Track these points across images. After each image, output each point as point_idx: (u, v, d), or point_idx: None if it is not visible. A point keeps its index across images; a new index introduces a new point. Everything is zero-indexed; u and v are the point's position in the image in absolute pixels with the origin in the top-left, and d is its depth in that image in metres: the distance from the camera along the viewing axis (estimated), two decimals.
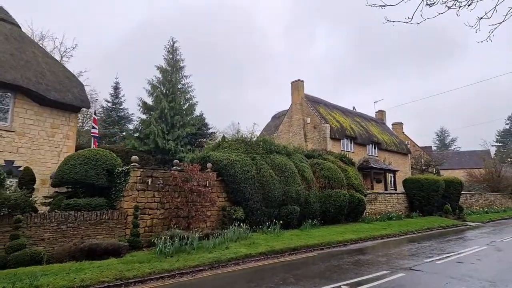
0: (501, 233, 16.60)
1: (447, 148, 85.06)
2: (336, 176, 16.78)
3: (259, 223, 13.26)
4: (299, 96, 26.84)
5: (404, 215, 20.81)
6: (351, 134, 26.50)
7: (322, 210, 16.00)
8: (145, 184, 10.41)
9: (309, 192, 15.38)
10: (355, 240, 13.48)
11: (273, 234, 12.66)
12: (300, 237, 12.69)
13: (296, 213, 14.31)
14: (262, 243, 11.21)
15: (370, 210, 20.09)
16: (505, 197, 33.37)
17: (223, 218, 12.58)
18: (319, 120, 25.40)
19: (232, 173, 12.81)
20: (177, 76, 27.37)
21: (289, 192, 14.20)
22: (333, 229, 15.14)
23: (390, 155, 30.71)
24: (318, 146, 24.99)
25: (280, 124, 29.01)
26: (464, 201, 27.34)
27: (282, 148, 16.06)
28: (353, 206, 17.44)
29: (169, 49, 27.82)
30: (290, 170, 14.70)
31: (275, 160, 14.72)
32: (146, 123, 24.81)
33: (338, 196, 16.29)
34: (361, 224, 17.22)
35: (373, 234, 14.78)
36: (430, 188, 21.59)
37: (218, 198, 12.84)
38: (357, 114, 31.82)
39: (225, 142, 14.48)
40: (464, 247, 12.13)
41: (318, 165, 17.09)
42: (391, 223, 17.92)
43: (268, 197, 13.56)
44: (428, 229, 17.69)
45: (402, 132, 42.18)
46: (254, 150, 14.59)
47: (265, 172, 13.73)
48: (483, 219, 23.47)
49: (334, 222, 16.77)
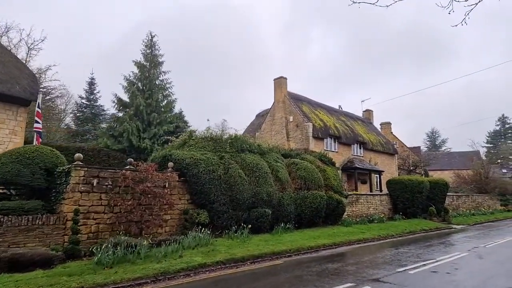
0: (485, 237, 15.84)
1: (437, 149, 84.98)
2: (313, 177, 15.87)
3: (226, 227, 12.28)
4: (282, 93, 25.91)
5: (387, 218, 19.99)
6: (335, 133, 25.65)
7: (297, 212, 15.07)
8: (90, 185, 9.35)
9: (283, 194, 14.44)
10: (329, 246, 12.56)
11: (240, 240, 11.69)
12: (269, 243, 11.73)
13: (267, 216, 13.35)
14: (223, 250, 10.22)
15: (351, 213, 19.23)
16: (493, 199, 32.83)
17: (184, 223, 11.56)
18: (301, 118, 24.50)
19: (195, 173, 11.80)
20: (155, 71, 26.27)
21: (260, 193, 13.23)
22: (308, 233, 14.21)
23: (376, 155, 29.94)
24: (300, 145, 24.09)
25: (263, 122, 28.06)
26: (451, 202, 26.67)
27: (256, 147, 15.09)
28: (331, 208, 16.55)
29: (147, 44, 26.71)
30: (262, 170, 13.74)
31: (246, 159, 13.75)
32: (120, 120, 23.67)
33: (315, 198, 15.38)
34: (339, 227, 16.32)
35: (350, 238, 13.90)
36: (414, 190, 20.80)
37: (180, 201, 11.83)
38: (343, 113, 31.01)
39: (191, 140, 13.47)
40: (444, 254, 11.27)
41: (294, 165, 16.16)
42: (372, 226, 17.06)
43: (236, 199, 12.59)
44: (410, 232, 16.87)
45: (391, 132, 41.53)
46: (223, 148, 13.60)
47: (233, 172, 12.75)
48: (469, 221, 22.78)
49: (311, 225, 15.86)
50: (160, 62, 26.78)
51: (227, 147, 13.73)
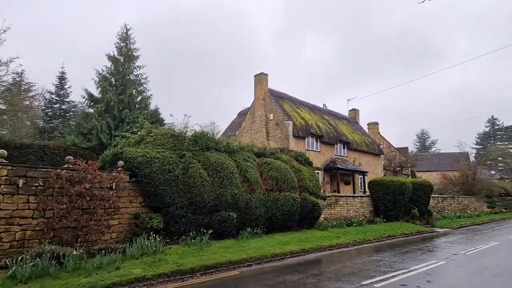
0: (468, 242, 14.98)
1: (427, 150, 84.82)
2: (286, 177, 14.84)
3: (184, 233, 11.17)
4: (262, 90, 24.87)
5: (367, 221, 19.05)
6: (317, 132, 24.68)
7: (268, 216, 14.03)
8: (15, 186, 8.18)
9: (251, 196, 13.38)
10: (297, 253, 11.53)
11: (197, 247, 10.59)
12: (229, 250, 10.66)
13: (232, 221, 12.27)
14: (172, 260, 9.11)
15: (330, 215, 18.24)
16: (480, 201, 32.20)
17: (135, 228, 10.42)
18: (282, 116, 23.49)
19: (148, 172, 10.68)
20: (129, 66, 25.02)
21: (224, 195, 12.15)
22: (277, 238, 13.18)
23: (360, 155, 29.07)
24: (280, 144, 23.08)
25: (243, 121, 26.98)
26: (436, 204, 25.89)
27: (223, 145, 14.02)
28: (306, 211, 15.54)
29: (122, 37, 25.44)
30: (227, 170, 12.66)
31: (210, 158, 12.66)
32: (90, 117, 22.39)
33: (287, 200, 14.35)
34: (314, 231, 15.32)
35: (322, 244, 12.88)
36: (396, 191, 19.90)
37: (130, 204, 10.69)
38: (327, 112, 30.08)
39: (149, 136, 12.34)
40: (419, 262, 10.32)
41: (267, 165, 15.13)
42: (349, 230, 16.09)
43: (196, 202, 11.49)
44: (389, 237, 15.93)
45: (378, 133, 40.80)
46: (185, 146, 12.49)
47: (193, 172, 11.64)
48: (453, 224, 21.98)
49: (284, 229, 14.83)
50: (135, 56, 25.55)
51: (189, 144, 12.63)
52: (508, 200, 36.83)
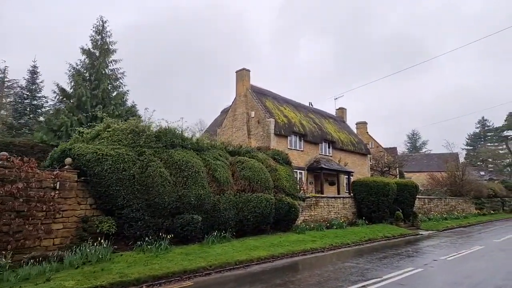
0: (451, 246, 14.21)
1: (418, 150, 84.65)
2: (259, 177, 13.92)
3: (140, 237, 10.18)
4: (244, 87, 23.92)
5: (348, 223, 18.22)
6: (300, 131, 23.80)
7: (239, 219, 13.10)
8: None
9: (220, 197, 12.43)
10: (266, 259, 10.62)
11: (153, 254, 9.63)
12: (188, 257, 9.71)
13: (196, 224, 11.30)
14: (118, 269, 8.13)
15: (310, 217, 17.39)
16: (468, 202, 31.63)
17: (82, 233, 9.41)
18: (263, 114, 22.56)
19: (98, 171, 9.67)
20: (104, 60, 23.88)
21: (187, 196, 11.19)
22: (247, 243, 12.26)
23: (346, 155, 28.27)
24: (262, 143, 22.17)
25: (225, 118, 26.01)
26: (422, 206, 25.21)
27: (191, 142, 13.06)
28: (282, 213, 14.64)
29: (98, 29, 24.26)
30: (192, 168, 11.70)
31: (174, 156, 11.69)
32: (60, 112, 21.23)
33: (260, 201, 13.43)
34: (290, 235, 14.43)
35: (294, 249, 12.00)
36: (380, 192, 19.10)
37: (79, 206, 9.67)
38: (312, 110, 29.22)
39: (106, 131, 11.31)
40: (394, 269, 9.48)
41: (240, 164, 14.20)
42: (328, 233, 15.23)
43: (154, 204, 10.51)
44: (369, 240, 15.11)
45: (366, 132, 40.13)
46: (146, 142, 11.49)
47: (153, 171, 10.66)
48: (439, 227, 21.27)
49: (257, 233, 13.92)
50: (111, 50, 24.35)
51: (152, 141, 11.64)
52: (497, 202, 36.41)
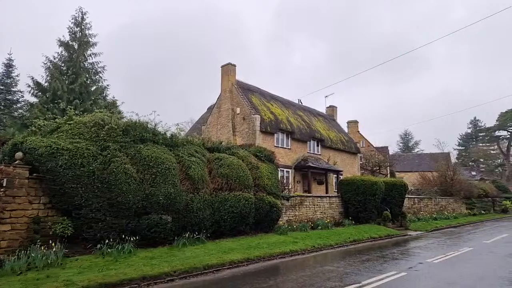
0: (438, 248, 13.54)
1: (410, 150, 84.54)
2: (238, 175, 13.12)
3: (101, 240, 9.32)
4: (229, 82, 23.09)
5: (334, 223, 17.50)
6: (287, 128, 23.05)
7: (215, 219, 12.30)
8: None
9: (193, 196, 11.61)
10: (239, 262, 9.83)
11: (113, 258, 8.79)
12: (152, 261, 8.88)
13: (166, 225, 10.48)
14: (66, 276, 7.29)
15: (294, 217, 16.64)
16: (458, 202, 31.15)
17: (34, 235, 8.53)
18: (249, 110, 21.77)
19: (52, 167, 8.79)
20: (83, 53, 22.93)
21: (155, 195, 10.35)
22: (222, 245, 11.46)
23: (335, 153, 27.60)
24: (247, 140, 21.38)
25: (210, 115, 25.17)
26: (412, 206, 24.61)
27: (163, 137, 12.21)
28: (262, 213, 13.87)
29: (77, 21, 23.30)
30: (162, 165, 10.86)
31: (142, 151, 10.85)
32: (35, 107, 20.25)
33: (238, 201, 12.64)
34: (270, 236, 13.67)
35: (273, 251, 11.22)
36: (367, 191, 18.41)
37: (30, 205, 8.79)
38: (301, 108, 28.49)
39: (67, 124, 10.42)
40: (376, 273, 8.76)
41: (218, 161, 13.39)
42: (311, 234, 14.49)
43: (117, 203, 9.66)
44: (353, 241, 14.40)
45: (357, 131, 39.58)
46: (112, 136, 10.62)
47: (116, 168, 9.81)
48: (428, 227, 20.66)
49: (236, 234, 13.13)
50: (91, 43, 23.48)
51: (118, 135, 10.78)
52: (487, 202, 36.03)
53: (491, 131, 73.46)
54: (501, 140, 72.24)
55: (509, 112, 65.92)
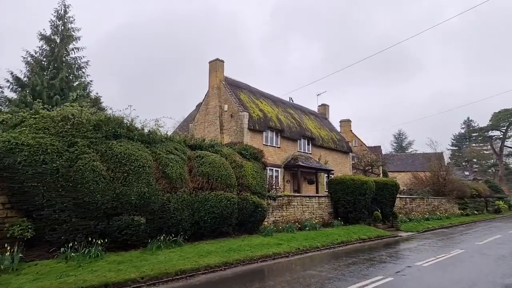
0: (429, 250, 13.01)
1: (404, 150, 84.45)
2: (220, 173, 12.47)
3: (66, 243, 8.63)
4: (217, 78, 22.42)
5: (322, 224, 16.92)
6: (277, 126, 22.43)
7: (194, 220, 11.63)
8: None
9: (170, 196, 10.93)
10: (216, 267, 9.18)
11: (76, 263, 8.10)
12: (119, 266, 8.19)
13: (138, 226, 9.80)
14: (19, 284, 6.60)
15: (281, 218, 16.03)
16: (451, 202, 30.76)
17: None
18: (237, 107, 21.11)
19: (10, 164, 8.08)
20: (65, 47, 22.14)
21: (126, 195, 9.67)
22: (201, 247, 10.80)
23: (327, 152, 27.04)
24: (235, 138, 20.73)
25: (197, 112, 24.47)
26: (403, 206, 24.12)
27: (142, 134, 11.52)
28: (246, 213, 13.24)
29: (59, 14, 22.47)
30: (136, 163, 10.18)
31: (114, 148, 10.15)
32: (13, 103, 19.41)
33: (219, 201, 11.99)
34: (254, 238, 13.04)
35: (254, 254, 10.58)
36: (357, 191, 17.85)
37: None
38: (292, 106, 27.88)
39: (32, 118, 9.71)
40: (360, 279, 8.16)
41: (199, 159, 12.72)
42: (297, 236, 13.88)
43: (84, 203, 8.96)
44: (341, 243, 13.81)
45: (350, 130, 39.12)
46: (81, 132, 9.92)
47: (83, 165, 9.12)
48: (420, 228, 20.17)
49: (218, 236, 12.49)
50: (74, 37, 22.66)
51: (88, 130, 10.07)
52: (480, 202, 35.73)
53: (484, 131, 73.44)
54: (494, 140, 72.25)
55: (502, 112, 65.94)
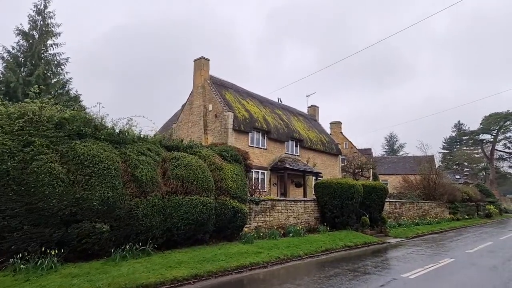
0: (418, 259, 12.34)
1: (395, 153, 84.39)
2: (196, 176, 11.66)
3: (17, 253, 7.76)
4: (202, 77, 21.62)
5: (308, 230, 16.21)
6: (263, 127, 21.70)
7: (167, 227, 10.79)
8: None
9: (139, 200, 10.10)
10: (185, 280, 8.38)
11: (23, 276, 7.24)
12: (74, 281, 7.36)
13: (101, 234, 8.95)
14: None
15: (264, 223, 15.27)
16: (441, 206, 30.30)
17: None
18: (222, 107, 20.33)
19: None
20: (44, 42, 21.19)
21: (87, 200, 8.81)
22: (172, 257, 9.98)
23: (315, 155, 26.38)
24: (219, 139, 19.94)
25: (181, 112, 23.64)
26: (393, 210, 23.53)
27: (111, 133, 10.67)
28: (225, 219, 12.45)
29: (38, 9, 21.50)
30: (100, 165, 9.33)
31: (77, 148, 9.30)
32: None
33: (194, 206, 11.18)
34: (233, 245, 12.25)
35: (229, 265, 9.79)
36: (344, 195, 17.17)
37: None
38: (280, 106, 27.17)
39: None
40: None
41: (174, 161, 11.90)
42: (279, 243, 13.13)
43: (38, 209, 8.11)
44: (326, 251, 13.09)
45: (340, 132, 38.57)
46: (40, 131, 9.07)
47: (38, 167, 8.26)
48: (409, 233, 19.55)
49: (193, 243, 11.67)
50: (54, 33, 21.71)
51: (49, 129, 9.22)
52: (471, 206, 35.39)
53: (474, 135, 73.66)
54: (485, 144, 72.50)
55: (492, 116, 66.14)
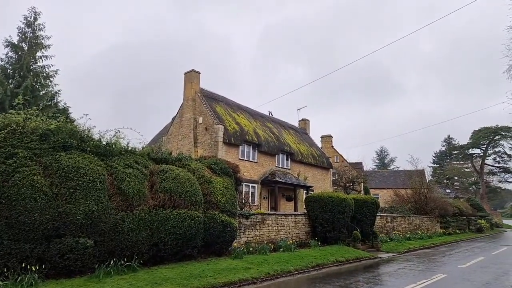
0: (409, 274, 12.18)
1: (386, 167, 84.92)
2: (184, 190, 11.45)
3: None
4: (193, 89, 21.62)
5: (298, 244, 15.98)
6: (254, 140, 21.63)
7: (153, 242, 10.50)
8: None
9: (124, 214, 9.83)
10: None
11: None
12: None
13: (84, 250, 8.65)
14: None
15: (254, 238, 15.01)
16: (433, 221, 30.30)
17: None
18: (212, 120, 20.26)
19: None
20: (33, 54, 21.04)
21: (71, 213, 8.54)
22: (158, 273, 9.67)
23: (306, 168, 26.33)
24: (209, 152, 19.79)
25: (171, 125, 23.49)
26: (384, 224, 23.43)
27: (97, 145, 10.47)
28: (214, 233, 12.19)
29: (28, 21, 21.42)
30: (85, 177, 9.09)
31: (62, 161, 9.08)
32: None
33: (182, 220, 10.94)
34: (222, 260, 11.95)
35: (217, 281, 9.49)
36: (335, 209, 17.04)
37: None
38: (271, 120, 27.24)
39: None
40: None
41: (162, 173, 11.69)
42: (269, 258, 12.86)
43: (18, 223, 7.82)
44: (316, 266, 12.85)
45: (331, 146, 38.73)
46: (24, 142, 8.85)
47: (20, 180, 8.02)
48: (401, 248, 19.42)
49: (181, 259, 11.38)
50: (43, 45, 21.59)
51: (33, 140, 9.01)
52: (462, 220, 35.48)
53: (464, 149, 74.51)
54: (475, 158, 73.31)
55: (482, 130, 67.08)
